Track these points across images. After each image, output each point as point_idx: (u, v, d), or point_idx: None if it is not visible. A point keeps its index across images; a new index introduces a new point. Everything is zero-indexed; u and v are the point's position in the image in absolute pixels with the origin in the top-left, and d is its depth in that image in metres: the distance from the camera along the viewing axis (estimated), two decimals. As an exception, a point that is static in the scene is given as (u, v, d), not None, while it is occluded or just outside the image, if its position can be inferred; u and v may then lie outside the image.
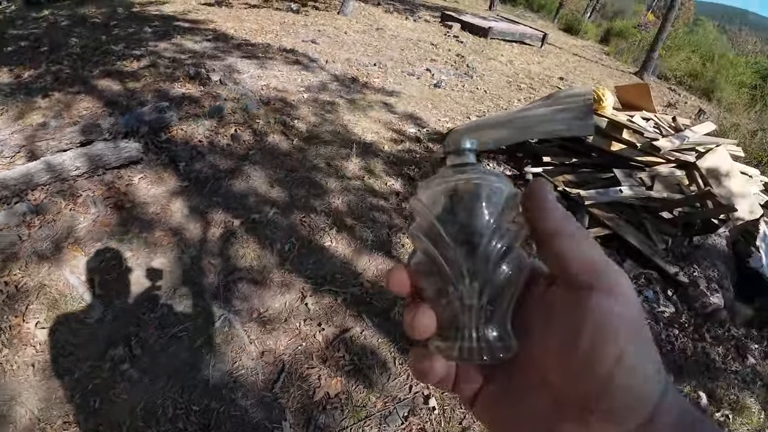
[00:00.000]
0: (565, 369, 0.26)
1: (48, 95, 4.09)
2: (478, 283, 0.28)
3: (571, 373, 0.26)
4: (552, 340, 0.27)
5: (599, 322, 0.25)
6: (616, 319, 0.25)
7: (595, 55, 12.45)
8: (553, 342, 0.27)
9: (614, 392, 0.24)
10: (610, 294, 0.26)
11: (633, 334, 0.25)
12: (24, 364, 1.95)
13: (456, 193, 0.28)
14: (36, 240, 2.53)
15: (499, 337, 0.28)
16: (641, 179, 3.52)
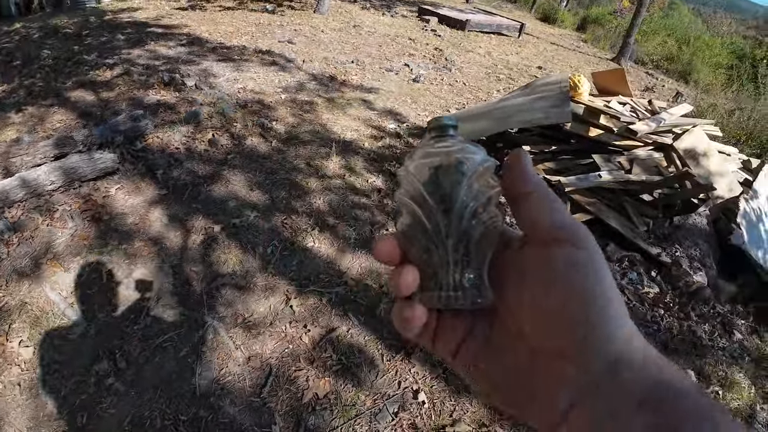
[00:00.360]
0: (540, 319, 0.28)
1: (21, 110, 4.00)
2: (455, 238, 0.31)
3: (545, 322, 0.28)
4: (526, 293, 0.29)
5: (568, 272, 0.27)
6: (583, 268, 0.27)
7: (573, 43, 12.55)
8: (527, 295, 0.29)
9: (585, 336, 0.26)
10: (576, 247, 0.28)
11: (599, 280, 0.27)
12: (10, 383, 1.92)
13: (438, 161, 0.31)
14: (15, 258, 2.48)
15: (476, 286, 0.31)
16: (620, 163, 3.57)
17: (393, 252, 0.32)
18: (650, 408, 0.24)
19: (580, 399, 0.26)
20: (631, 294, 2.82)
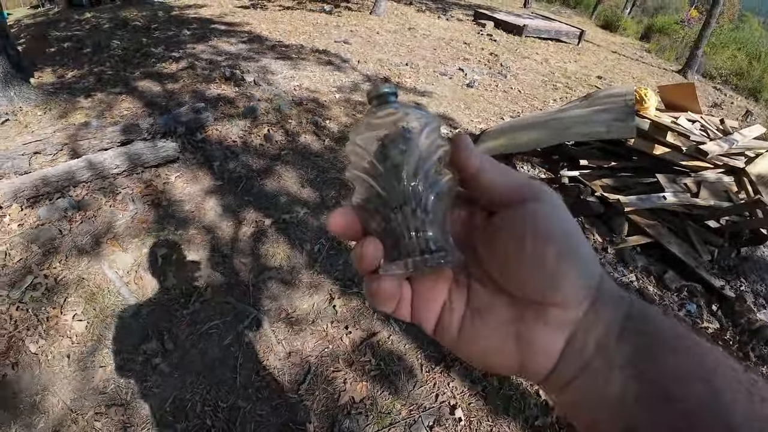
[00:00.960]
0: (517, 273, 0.29)
1: (90, 95, 4.27)
2: (412, 202, 0.31)
3: (523, 275, 0.29)
4: (500, 250, 0.30)
5: (536, 224, 0.29)
6: (549, 219, 0.29)
7: (636, 53, 11.94)
8: (501, 252, 0.30)
9: (562, 280, 0.28)
10: (538, 201, 0.30)
11: (566, 228, 0.29)
12: (59, 354, 2.03)
13: (384, 129, 0.32)
14: (76, 235, 2.63)
15: (440, 247, 0.31)
16: (686, 185, 3.34)
17: (351, 223, 0.32)
18: (630, 337, 0.27)
19: (570, 338, 0.28)
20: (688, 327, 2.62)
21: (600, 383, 0.27)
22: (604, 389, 0.27)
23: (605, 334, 0.28)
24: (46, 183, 2.83)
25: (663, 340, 0.27)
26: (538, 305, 0.29)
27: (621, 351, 0.27)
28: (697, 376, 0.25)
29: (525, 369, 0.31)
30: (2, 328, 2.08)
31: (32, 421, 1.79)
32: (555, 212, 0.29)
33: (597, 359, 0.27)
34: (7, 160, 2.97)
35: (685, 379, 0.25)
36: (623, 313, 0.28)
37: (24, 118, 3.81)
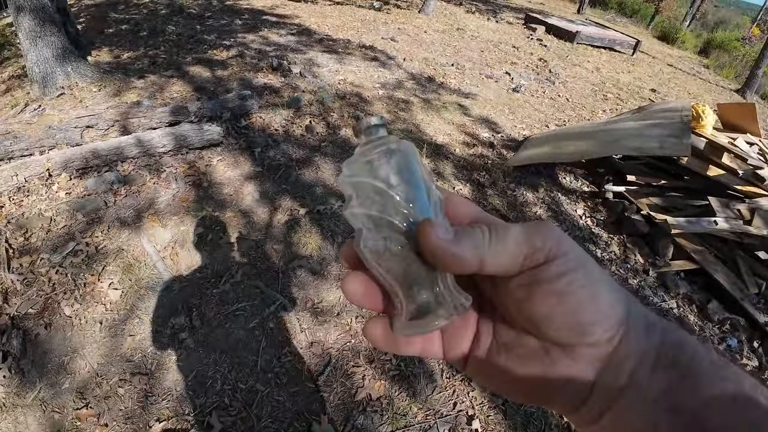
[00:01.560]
0: (541, 327, 0.28)
1: (144, 77, 4.45)
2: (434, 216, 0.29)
3: (548, 330, 0.28)
4: (520, 307, 0.29)
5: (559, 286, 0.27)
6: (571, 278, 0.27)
7: (693, 68, 11.34)
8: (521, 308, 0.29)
9: (590, 327, 0.27)
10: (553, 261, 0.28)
11: (588, 276, 0.28)
12: (92, 319, 2.12)
13: (390, 157, 0.30)
14: (120, 207, 2.75)
15: (457, 290, 0.30)
16: (739, 211, 3.12)
17: (370, 291, 0.32)
18: (665, 368, 0.26)
19: (601, 371, 0.27)
20: (728, 362, 2.46)
21: (633, 417, 0.26)
22: (637, 422, 0.26)
23: (638, 366, 0.27)
24: (96, 156, 2.97)
25: (698, 371, 0.26)
26: (564, 347, 0.28)
27: (654, 383, 0.26)
28: (733, 408, 0.24)
29: (554, 402, 0.30)
30: (40, 289, 2.19)
31: (58, 380, 1.88)
32: (576, 268, 0.28)
33: (629, 392, 0.26)
34: (60, 131, 3.13)
35: (721, 412, 0.24)
36: (656, 343, 0.27)
37: (79, 93, 4.01)
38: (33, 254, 2.36)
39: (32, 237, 2.46)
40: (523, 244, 0.28)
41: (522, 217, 3.30)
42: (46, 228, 2.52)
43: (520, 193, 3.57)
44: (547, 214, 3.39)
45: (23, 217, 2.56)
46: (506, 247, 0.28)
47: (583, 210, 3.51)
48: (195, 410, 1.83)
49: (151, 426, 1.77)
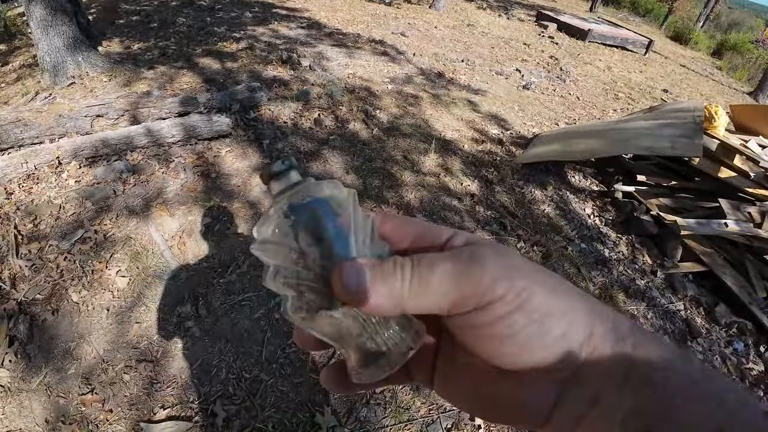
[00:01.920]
0: (495, 357, 0.26)
1: (154, 67, 4.46)
2: None
3: (504, 359, 0.26)
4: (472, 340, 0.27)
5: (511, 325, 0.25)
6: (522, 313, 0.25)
7: (706, 69, 11.20)
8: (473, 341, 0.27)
9: (537, 362, 0.25)
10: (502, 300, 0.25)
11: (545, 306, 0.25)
12: (100, 306, 2.14)
13: (298, 213, 0.27)
14: (129, 196, 2.76)
15: (402, 328, 0.28)
16: (749, 214, 3.08)
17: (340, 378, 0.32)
18: (635, 387, 0.24)
19: (562, 394, 0.26)
20: (732, 366, 2.44)
21: None
22: None
23: (603, 384, 0.24)
24: (105, 145, 2.98)
25: (674, 390, 0.23)
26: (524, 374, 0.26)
27: (623, 402, 0.24)
28: (713, 425, 0.22)
29: (517, 421, 0.28)
30: (48, 275, 2.21)
31: (64, 365, 1.90)
32: (517, 309, 0.25)
33: (595, 412, 0.25)
34: (71, 120, 3.15)
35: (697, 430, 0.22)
36: (625, 358, 0.25)
37: (89, 82, 4.03)
38: (42, 241, 2.38)
39: (41, 224, 2.48)
40: (449, 288, 0.25)
41: (530, 214, 3.28)
42: (55, 215, 2.54)
43: (528, 190, 3.55)
44: (555, 213, 3.36)
45: (32, 204, 2.58)
46: (429, 291, 0.25)
47: (591, 209, 3.48)
48: (199, 398, 1.84)
49: (156, 413, 1.78)
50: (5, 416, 1.71)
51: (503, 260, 0.26)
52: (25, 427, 1.69)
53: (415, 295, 0.25)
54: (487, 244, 0.27)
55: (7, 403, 1.75)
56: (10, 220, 2.44)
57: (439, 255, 0.27)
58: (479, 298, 0.25)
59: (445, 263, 0.26)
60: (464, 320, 0.26)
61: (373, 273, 0.26)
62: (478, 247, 0.27)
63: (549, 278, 0.26)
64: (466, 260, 0.26)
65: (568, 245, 3.05)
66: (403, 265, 0.26)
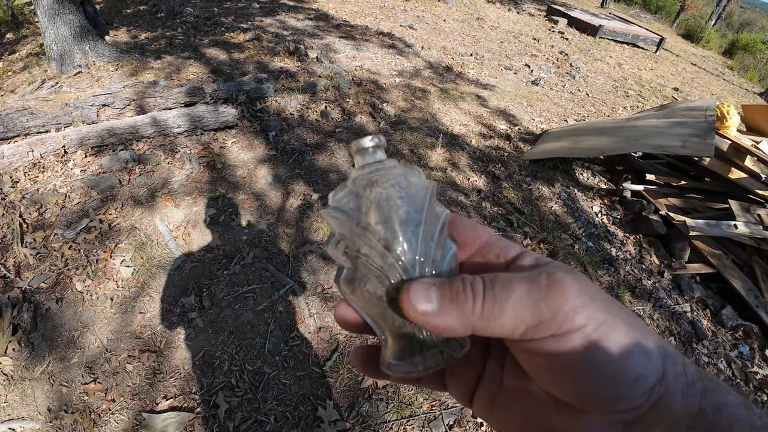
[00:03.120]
0: (560, 390, 0.25)
1: (161, 57, 4.44)
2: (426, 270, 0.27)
3: (570, 393, 0.24)
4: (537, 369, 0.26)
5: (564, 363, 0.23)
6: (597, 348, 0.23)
7: (717, 68, 11.05)
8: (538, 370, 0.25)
9: (606, 402, 0.23)
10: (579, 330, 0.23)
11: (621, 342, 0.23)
12: (104, 296, 2.13)
13: (379, 190, 0.27)
14: (134, 186, 2.75)
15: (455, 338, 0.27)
16: (759, 216, 3.04)
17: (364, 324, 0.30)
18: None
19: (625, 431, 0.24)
20: (737, 369, 2.41)
21: None
22: None
23: (669, 429, 0.23)
24: (111, 134, 2.98)
25: None
26: (575, 409, 0.25)
27: None
28: None
29: None
30: (53, 264, 2.21)
31: (67, 354, 1.90)
32: (596, 344, 0.23)
33: None
34: (77, 109, 3.14)
35: None
36: (693, 408, 0.24)
37: (96, 72, 4.01)
38: (47, 229, 2.38)
39: (46, 212, 2.48)
40: (525, 314, 0.24)
41: (537, 211, 3.24)
42: (60, 204, 2.54)
43: (535, 187, 3.51)
44: (563, 210, 3.33)
45: (38, 192, 2.58)
46: (503, 316, 0.24)
47: (599, 207, 3.44)
48: (202, 389, 1.83)
49: (158, 403, 1.78)
50: (8, 404, 1.72)
51: (582, 287, 0.24)
52: (27, 416, 1.69)
53: (487, 318, 0.24)
54: (562, 268, 0.25)
55: (10, 391, 1.75)
56: (15, 208, 2.44)
57: (513, 277, 0.25)
58: (557, 325, 0.23)
59: (521, 286, 0.24)
60: (534, 346, 0.24)
61: (441, 293, 0.25)
62: (554, 270, 0.25)
63: (623, 311, 0.25)
64: (544, 285, 0.24)
65: (575, 243, 3.02)
66: (475, 286, 0.25)
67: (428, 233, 0.27)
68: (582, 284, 0.24)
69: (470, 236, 0.30)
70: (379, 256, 0.26)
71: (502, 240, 0.29)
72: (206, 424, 1.73)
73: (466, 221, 0.30)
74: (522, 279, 0.25)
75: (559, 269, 0.25)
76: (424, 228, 0.26)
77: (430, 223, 0.27)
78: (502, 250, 0.29)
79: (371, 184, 0.27)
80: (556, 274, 0.24)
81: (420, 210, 0.27)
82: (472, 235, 0.30)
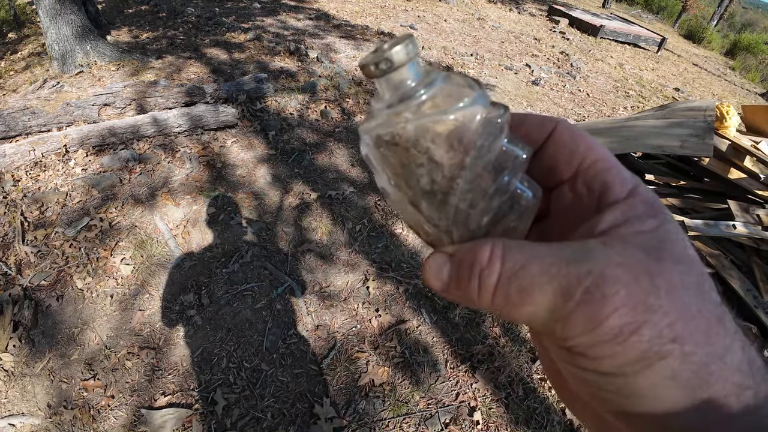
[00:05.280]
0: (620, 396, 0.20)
1: (161, 57, 4.46)
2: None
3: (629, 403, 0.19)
4: None
5: None
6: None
7: (719, 69, 11.02)
8: None
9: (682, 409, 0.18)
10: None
11: None
12: (104, 293, 2.15)
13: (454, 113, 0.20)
14: (134, 185, 2.77)
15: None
16: (758, 216, 3.04)
17: None
18: None
19: None
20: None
21: None
22: None
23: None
24: (112, 133, 3.00)
25: None
26: None
27: None
28: None
29: None
30: (54, 262, 2.23)
31: (67, 351, 1.92)
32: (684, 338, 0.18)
33: None
34: (78, 108, 3.16)
35: None
36: None
37: (97, 71, 4.04)
38: (48, 228, 2.40)
39: (47, 211, 2.50)
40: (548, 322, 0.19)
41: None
42: (61, 202, 2.56)
43: (534, 187, 3.52)
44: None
45: (39, 191, 2.60)
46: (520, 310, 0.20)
47: (597, 207, 3.45)
48: (200, 386, 1.85)
49: (157, 399, 1.80)
50: (8, 400, 1.74)
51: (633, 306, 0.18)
52: (27, 411, 1.71)
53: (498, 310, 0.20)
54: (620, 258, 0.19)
55: (10, 387, 1.77)
56: (16, 206, 2.46)
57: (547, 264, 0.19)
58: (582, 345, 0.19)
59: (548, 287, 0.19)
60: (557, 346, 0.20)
61: (452, 272, 0.21)
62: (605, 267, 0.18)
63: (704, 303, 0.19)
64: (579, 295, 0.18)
65: (573, 243, 3.02)
66: (487, 274, 0.20)
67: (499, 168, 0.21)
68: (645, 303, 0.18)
69: (566, 157, 0.23)
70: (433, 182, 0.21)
71: (614, 168, 0.22)
72: (204, 420, 1.74)
73: (573, 131, 0.23)
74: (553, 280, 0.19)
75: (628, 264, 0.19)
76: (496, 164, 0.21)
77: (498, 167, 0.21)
78: (605, 183, 0.22)
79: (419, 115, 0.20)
80: (607, 281, 0.18)
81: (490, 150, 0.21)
82: (568, 156, 0.23)
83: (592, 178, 0.22)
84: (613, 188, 0.21)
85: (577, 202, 0.23)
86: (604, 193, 0.22)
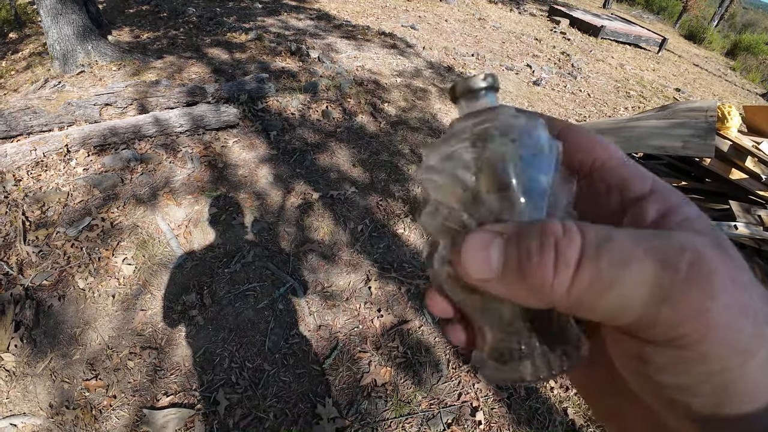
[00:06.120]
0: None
1: (163, 57, 4.46)
2: None
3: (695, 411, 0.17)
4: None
5: None
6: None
7: (719, 69, 11.03)
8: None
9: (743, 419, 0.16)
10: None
11: None
12: (105, 293, 2.15)
13: (508, 150, 0.20)
14: (136, 185, 2.77)
15: (557, 339, 0.22)
16: (760, 217, 3.04)
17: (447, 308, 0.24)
18: None
19: None
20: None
21: None
22: None
23: None
24: (114, 133, 2.99)
25: None
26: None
27: None
28: None
29: None
30: (55, 262, 2.23)
31: (69, 351, 1.92)
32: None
33: None
34: (79, 108, 3.16)
35: None
36: None
37: (99, 71, 4.04)
38: (49, 227, 2.39)
39: (49, 211, 2.50)
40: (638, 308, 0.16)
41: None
42: (63, 202, 2.55)
43: (535, 187, 3.52)
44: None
45: (41, 191, 2.60)
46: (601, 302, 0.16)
47: (599, 207, 3.45)
48: (202, 386, 1.85)
49: (159, 399, 1.79)
50: (10, 400, 1.73)
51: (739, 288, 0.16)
52: (29, 411, 1.71)
53: (577, 300, 0.17)
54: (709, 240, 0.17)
55: (12, 387, 1.77)
56: (18, 206, 2.45)
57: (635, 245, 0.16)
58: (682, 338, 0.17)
59: (644, 265, 0.16)
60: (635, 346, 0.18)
61: (508, 253, 0.18)
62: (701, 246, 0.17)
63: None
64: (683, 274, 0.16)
65: (575, 243, 3.02)
66: (564, 248, 0.17)
67: (553, 206, 0.21)
68: (739, 280, 0.16)
69: (579, 156, 0.22)
70: None
71: (628, 164, 0.21)
72: (206, 420, 1.74)
73: (581, 132, 0.23)
74: (649, 252, 0.16)
75: (708, 243, 0.17)
76: (555, 201, 0.20)
77: (561, 195, 0.21)
78: (624, 179, 0.21)
79: (484, 137, 0.20)
80: (705, 255, 0.16)
81: (548, 177, 0.20)
82: (580, 155, 0.22)
83: (608, 176, 0.21)
84: (634, 183, 0.21)
85: (594, 200, 0.22)
86: (625, 189, 0.21)
